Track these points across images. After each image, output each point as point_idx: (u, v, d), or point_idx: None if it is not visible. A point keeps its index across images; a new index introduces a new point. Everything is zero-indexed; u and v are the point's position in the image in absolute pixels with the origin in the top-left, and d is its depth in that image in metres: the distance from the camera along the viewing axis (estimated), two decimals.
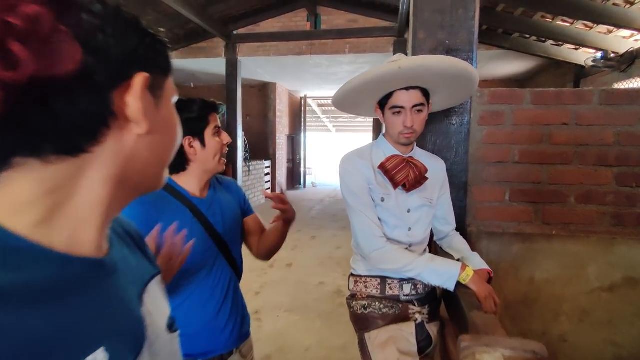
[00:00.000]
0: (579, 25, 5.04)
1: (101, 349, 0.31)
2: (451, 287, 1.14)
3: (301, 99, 12.11)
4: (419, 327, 1.27)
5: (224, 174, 1.23)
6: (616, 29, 4.72)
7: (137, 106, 0.35)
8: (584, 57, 5.59)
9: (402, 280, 1.26)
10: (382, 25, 6.59)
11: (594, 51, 5.34)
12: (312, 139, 16.82)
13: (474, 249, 1.37)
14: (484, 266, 1.28)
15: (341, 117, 17.29)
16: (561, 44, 5.70)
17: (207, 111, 1.08)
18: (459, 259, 1.31)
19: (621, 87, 5.00)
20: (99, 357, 0.31)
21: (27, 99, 0.29)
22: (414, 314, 1.27)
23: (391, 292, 1.27)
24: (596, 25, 4.81)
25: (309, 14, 6.89)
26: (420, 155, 1.33)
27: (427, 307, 1.30)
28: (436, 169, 1.34)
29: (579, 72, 6.11)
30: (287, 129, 11.02)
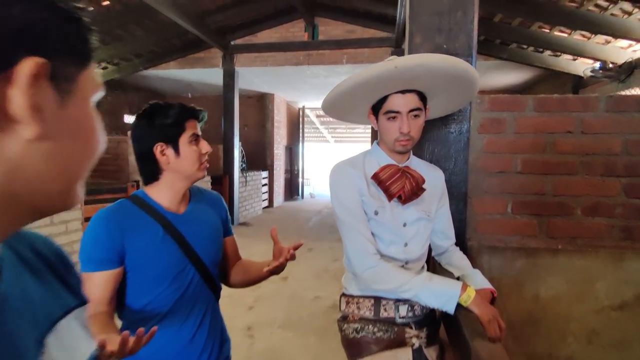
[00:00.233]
0: (577, 35, 5.04)
1: None
2: (451, 309, 1.04)
3: (299, 109, 12.12)
4: (416, 352, 1.15)
5: (221, 184, 1.15)
6: (614, 39, 4.72)
7: (23, 101, 0.27)
8: (582, 67, 5.58)
9: (397, 300, 1.16)
10: (380, 35, 6.65)
11: (592, 61, 5.33)
12: (310, 150, 16.81)
13: (474, 264, 1.28)
14: (487, 285, 1.18)
15: (339, 128, 17.30)
16: (559, 54, 5.71)
17: (184, 117, 0.99)
18: (459, 277, 1.22)
19: None
20: None
21: None
22: (411, 338, 1.16)
23: (386, 314, 1.17)
24: (594, 35, 4.82)
25: (307, 25, 6.93)
26: (417, 164, 1.24)
27: (425, 330, 1.19)
28: (434, 179, 1.24)
29: (577, 83, 6.11)
30: (285, 139, 10.99)
